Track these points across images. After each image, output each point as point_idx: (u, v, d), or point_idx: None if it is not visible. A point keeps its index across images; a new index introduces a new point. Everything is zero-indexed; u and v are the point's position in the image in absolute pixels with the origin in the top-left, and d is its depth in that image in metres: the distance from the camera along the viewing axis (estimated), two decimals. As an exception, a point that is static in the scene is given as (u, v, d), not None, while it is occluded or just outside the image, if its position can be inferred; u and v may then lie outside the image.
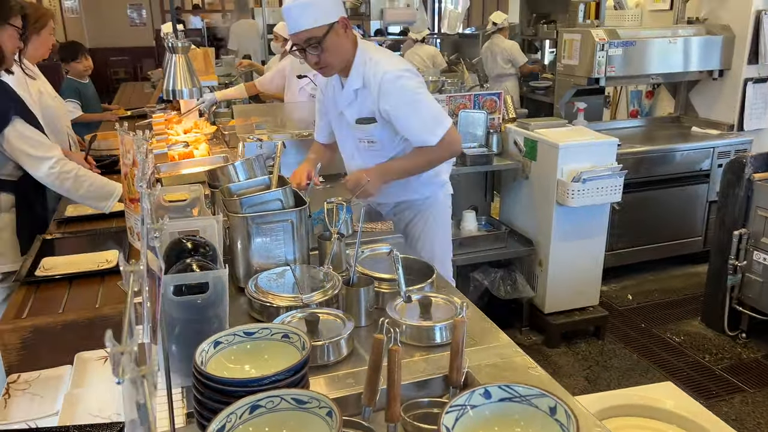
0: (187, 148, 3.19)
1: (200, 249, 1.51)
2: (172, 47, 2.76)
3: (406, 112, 2.15)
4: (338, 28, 2.07)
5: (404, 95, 2.13)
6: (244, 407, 0.98)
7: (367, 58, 2.16)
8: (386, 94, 2.13)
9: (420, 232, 2.46)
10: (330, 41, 2.05)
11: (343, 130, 2.36)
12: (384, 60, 2.17)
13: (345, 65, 2.17)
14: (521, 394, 0.91)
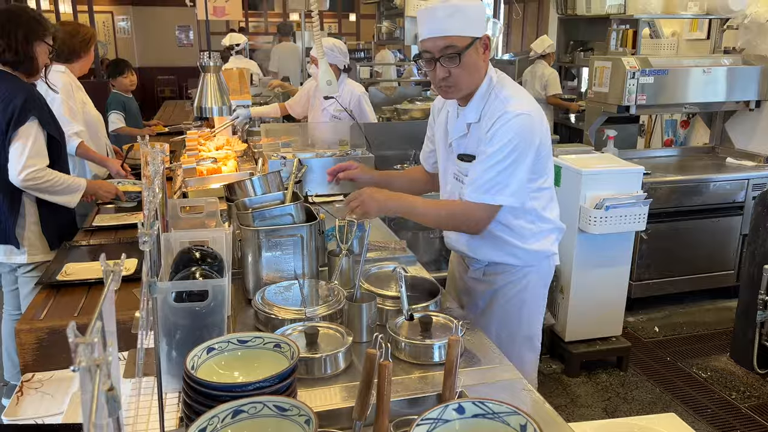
0: (215, 164, 3.28)
1: (207, 259, 1.56)
2: (203, 66, 2.87)
3: (487, 155, 1.80)
4: (479, 45, 1.78)
5: (503, 139, 1.78)
6: (227, 411, 1.01)
7: (493, 92, 1.84)
8: (492, 134, 1.80)
9: (509, 302, 2.03)
10: (469, 57, 1.76)
11: (448, 161, 2.03)
12: (513, 100, 1.81)
13: (470, 91, 1.86)
14: (494, 411, 0.92)
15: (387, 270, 1.98)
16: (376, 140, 3.32)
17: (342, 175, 2.22)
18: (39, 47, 2.50)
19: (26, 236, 2.53)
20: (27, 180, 2.39)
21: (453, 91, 1.84)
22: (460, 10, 1.74)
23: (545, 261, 2.02)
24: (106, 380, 0.57)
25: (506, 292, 2.02)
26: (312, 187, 2.90)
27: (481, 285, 2.06)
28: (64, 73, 3.44)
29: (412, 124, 3.96)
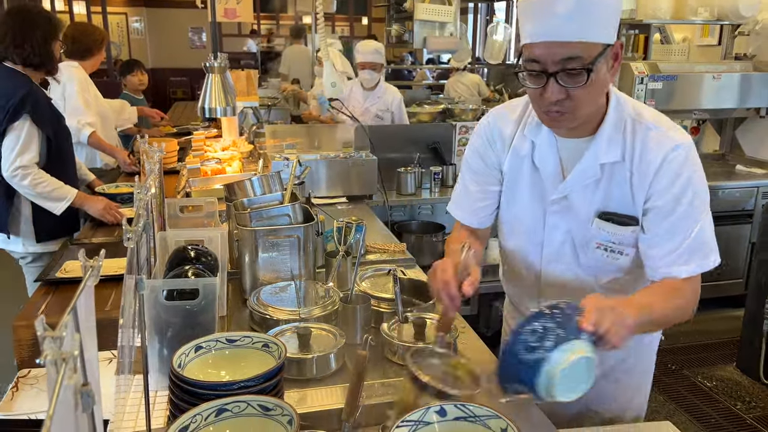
0: (220, 164, 3.29)
1: (202, 258, 1.57)
2: (209, 67, 2.88)
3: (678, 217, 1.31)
4: (610, 55, 1.25)
5: (695, 195, 1.31)
6: (211, 410, 1.01)
7: (629, 117, 1.34)
8: (670, 184, 1.30)
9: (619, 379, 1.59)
10: (598, 73, 1.22)
11: (554, 216, 1.45)
12: (665, 124, 1.34)
13: (589, 119, 1.34)
14: (475, 414, 0.91)
15: (384, 272, 1.98)
16: (380, 143, 3.32)
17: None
18: (55, 45, 2.61)
19: (20, 227, 2.61)
20: (13, 176, 2.45)
21: (567, 119, 1.29)
22: (594, 7, 1.19)
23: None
24: (71, 374, 0.57)
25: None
26: (315, 189, 2.91)
27: None
28: (77, 68, 3.66)
29: (417, 127, 3.97)
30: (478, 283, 1.28)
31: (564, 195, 1.41)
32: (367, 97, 4.17)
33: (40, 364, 0.59)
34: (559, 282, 1.50)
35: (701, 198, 1.32)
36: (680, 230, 1.31)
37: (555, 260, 1.49)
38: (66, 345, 0.61)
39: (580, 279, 1.48)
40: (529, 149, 1.44)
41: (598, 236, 1.39)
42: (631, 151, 1.32)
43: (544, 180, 1.43)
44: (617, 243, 1.39)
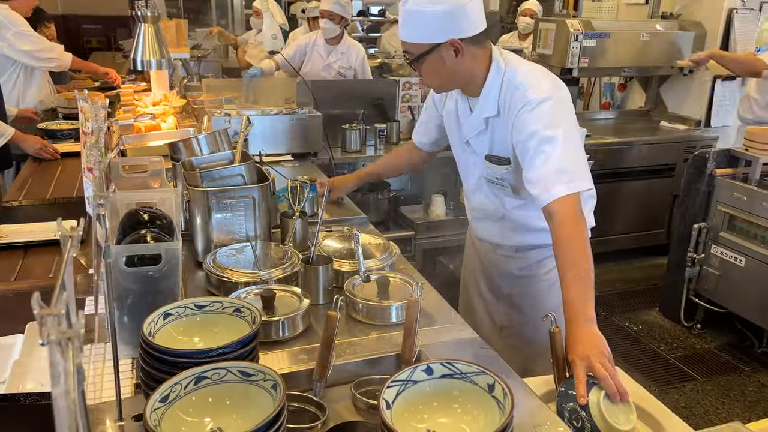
0: (154, 120, 3.14)
1: (156, 221, 1.49)
2: (141, 17, 2.71)
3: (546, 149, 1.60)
4: (446, 50, 1.62)
5: (544, 130, 1.60)
6: (190, 378, 0.98)
7: (504, 80, 1.69)
8: (524, 124, 1.63)
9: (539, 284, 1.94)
10: (429, 64, 1.65)
11: (467, 161, 1.90)
12: (528, 85, 1.65)
13: (460, 87, 1.77)
14: (462, 371, 0.93)
15: (338, 231, 1.97)
16: (324, 98, 3.25)
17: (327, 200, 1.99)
18: None
19: None
20: None
21: (435, 89, 1.87)
22: (413, 16, 1.61)
23: None
24: (78, 354, 0.54)
25: (541, 269, 1.91)
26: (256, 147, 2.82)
27: (512, 263, 1.96)
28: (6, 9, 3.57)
29: (360, 83, 3.91)
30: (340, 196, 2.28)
31: (466, 140, 1.85)
32: (330, 53, 4.04)
33: (43, 344, 0.55)
34: (481, 207, 1.96)
35: (550, 134, 1.59)
36: (539, 159, 1.60)
37: (476, 190, 1.94)
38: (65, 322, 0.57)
39: (494, 204, 1.90)
40: (455, 104, 1.87)
41: (485, 172, 1.84)
42: (504, 107, 1.70)
43: (461, 126, 1.86)
44: (498, 178, 1.81)
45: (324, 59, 3.99)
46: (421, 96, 3.63)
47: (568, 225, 1.55)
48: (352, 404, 1.29)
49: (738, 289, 3.26)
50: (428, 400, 0.92)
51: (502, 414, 0.85)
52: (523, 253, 1.94)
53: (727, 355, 3.36)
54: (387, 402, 0.88)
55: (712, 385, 3.09)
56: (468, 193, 2.00)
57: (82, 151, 1.81)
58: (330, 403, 1.26)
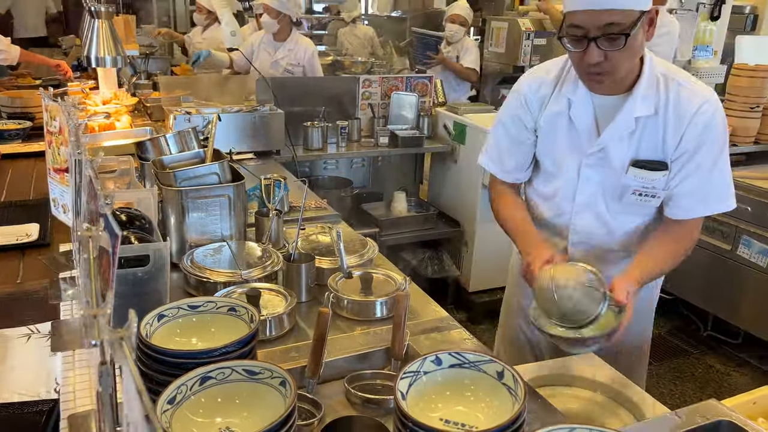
0: (108, 119, 3.04)
1: (136, 222, 1.47)
2: (94, 12, 2.62)
3: (705, 161, 1.49)
4: (646, 21, 1.39)
5: (717, 140, 1.49)
6: (195, 378, 0.97)
7: (658, 74, 1.50)
8: (699, 133, 1.47)
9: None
10: (634, 38, 1.36)
11: (587, 169, 1.58)
12: (693, 82, 1.51)
13: (624, 78, 1.48)
14: (470, 361, 0.95)
15: (311, 228, 1.96)
16: (283, 96, 3.22)
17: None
18: None
19: None
20: None
21: (606, 79, 1.44)
22: None
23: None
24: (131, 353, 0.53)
25: None
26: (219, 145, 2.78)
27: None
28: None
29: (320, 80, 3.89)
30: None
31: (601, 147, 1.53)
32: (278, 49, 3.98)
33: (95, 344, 0.54)
34: (587, 229, 1.66)
35: (722, 145, 1.50)
36: (703, 171, 1.49)
37: (585, 209, 1.63)
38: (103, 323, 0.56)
39: (607, 227, 1.64)
40: (566, 106, 1.56)
41: (633, 183, 1.54)
42: (664, 105, 1.47)
43: (579, 134, 1.56)
44: (651, 187, 1.53)
45: (271, 56, 3.92)
46: (381, 93, 3.65)
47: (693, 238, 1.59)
48: (345, 399, 1.29)
49: (685, 276, 3.42)
50: (441, 389, 0.94)
51: (514, 400, 0.88)
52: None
53: (677, 339, 3.53)
54: (402, 393, 0.89)
55: (664, 369, 3.24)
56: (567, 213, 1.66)
57: (47, 151, 1.74)
58: (323, 399, 1.26)
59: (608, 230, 1.64)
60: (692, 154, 1.48)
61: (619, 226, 1.64)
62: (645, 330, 1.91)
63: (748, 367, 3.27)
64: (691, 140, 1.47)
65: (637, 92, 1.47)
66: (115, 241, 0.78)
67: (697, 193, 1.51)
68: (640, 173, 1.52)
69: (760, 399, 1.34)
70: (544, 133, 1.62)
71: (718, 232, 3.25)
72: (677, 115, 1.47)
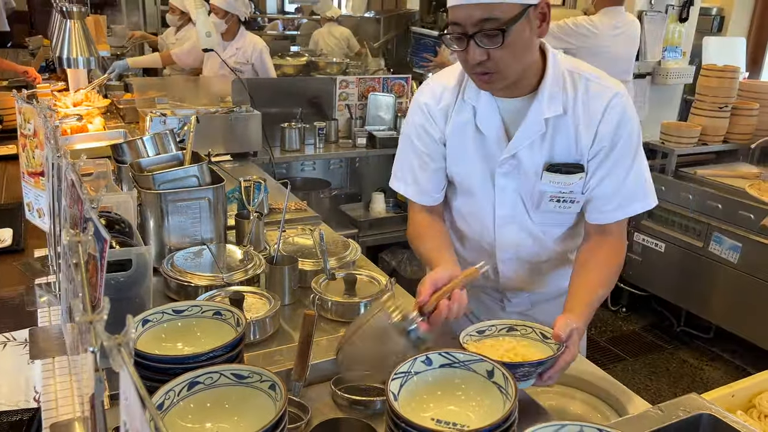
0: (80, 121, 2.98)
1: (115, 225, 1.44)
2: (66, 12, 2.56)
3: (623, 160, 1.40)
4: (534, 16, 1.27)
5: (632, 134, 1.40)
6: (182, 384, 0.95)
7: (565, 71, 1.39)
8: (614, 128, 1.37)
9: None
10: (517, 34, 1.24)
11: (501, 184, 1.47)
12: (600, 76, 1.41)
13: (519, 78, 1.35)
14: (460, 360, 0.96)
15: (291, 230, 1.96)
16: (259, 97, 3.20)
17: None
18: None
19: None
20: None
21: (496, 79, 1.31)
22: None
23: None
24: (129, 358, 0.52)
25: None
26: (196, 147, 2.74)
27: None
28: None
29: (296, 81, 3.87)
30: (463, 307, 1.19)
31: (512, 154, 1.42)
32: (225, 48, 3.94)
33: (94, 351, 0.53)
34: (514, 242, 1.54)
35: (637, 140, 1.42)
36: (621, 169, 1.40)
37: (509, 222, 1.51)
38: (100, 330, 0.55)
39: (534, 236, 1.53)
40: (471, 114, 1.45)
41: (550, 188, 1.43)
42: (573, 103, 1.38)
43: (489, 142, 1.44)
44: (568, 192, 1.43)
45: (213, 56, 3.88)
46: (358, 94, 3.65)
47: (621, 248, 1.46)
48: (332, 401, 1.29)
49: (658, 273, 3.50)
50: (432, 389, 0.94)
51: (505, 398, 0.89)
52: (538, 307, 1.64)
53: (651, 335, 3.60)
54: (393, 394, 0.89)
55: (639, 364, 3.30)
56: (490, 227, 1.54)
57: (21, 154, 1.70)
58: (310, 402, 1.26)
59: (536, 241, 1.53)
60: (609, 152, 1.39)
61: (546, 236, 1.53)
62: None
63: (721, 361, 3.35)
64: (605, 137, 1.37)
65: (543, 92, 1.37)
66: (103, 245, 0.76)
67: (617, 194, 1.41)
68: (555, 177, 1.42)
69: (738, 392, 1.37)
70: (452, 145, 1.49)
71: (690, 230, 3.32)
72: (588, 112, 1.38)
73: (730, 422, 1.15)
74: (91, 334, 0.51)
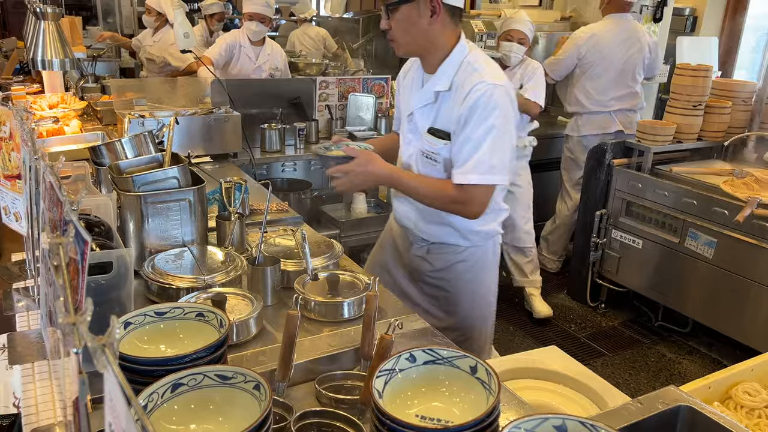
0: (57, 124, 2.94)
1: (94, 228, 1.43)
2: (40, 13, 2.53)
3: (471, 135, 1.72)
4: (424, 7, 1.69)
5: (486, 115, 1.70)
6: (166, 386, 0.95)
7: (466, 61, 1.76)
8: (468, 108, 1.71)
9: (455, 285, 1.99)
10: (402, 13, 1.70)
11: (408, 133, 1.92)
12: (487, 69, 1.74)
13: (422, 54, 1.81)
14: (444, 356, 0.97)
15: (273, 231, 1.95)
16: (239, 98, 3.18)
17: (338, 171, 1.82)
18: None
19: None
20: None
21: (395, 46, 1.79)
22: None
23: (490, 241, 1.98)
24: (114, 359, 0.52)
25: (452, 274, 1.98)
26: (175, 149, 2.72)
27: (425, 264, 2.00)
28: None
29: (277, 82, 3.85)
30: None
31: (411, 113, 1.88)
32: (258, 54, 4.00)
33: (77, 353, 0.53)
34: None
35: (490, 126, 1.70)
36: (468, 145, 1.72)
37: (406, 168, 1.93)
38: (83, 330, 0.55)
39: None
40: (411, 80, 1.93)
41: (425, 146, 1.85)
42: (456, 84, 1.75)
43: (407, 101, 1.91)
44: (434, 152, 1.82)
45: (254, 61, 3.96)
46: (338, 95, 3.65)
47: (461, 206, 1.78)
48: (316, 401, 1.29)
49: (636, 269, 3.55)
50: (416, 386, 0.95)
51: (488, 394, 0.90)
52: (434, 256, 1.98)
53: (630, 330, 3.65)
54: (378, 391, 0.90)
55: (619, 359, 3.35)
56: (402, 165, 1.98)
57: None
58: (294, 402, 1.26)
59: None
60: (462, 127, 1.73)
61: None
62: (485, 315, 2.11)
63: (698, 355, 3.41)
64: (463, 115, 1.72)
65: (440, 71, 1.78)
66: (84, 247, 0.76)
67: (463, 164, 1.73)
68: (430, 139, 1.82)
69: (715, 384, 1.40)
70: (401, 96, 2.01)
71: (666, 226, 3.37)
72: (460, 93, 1.73)
73: (708, 413, 1.17)
74: (75, 335, 0.51)
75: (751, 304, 3.02)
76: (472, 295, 2.01)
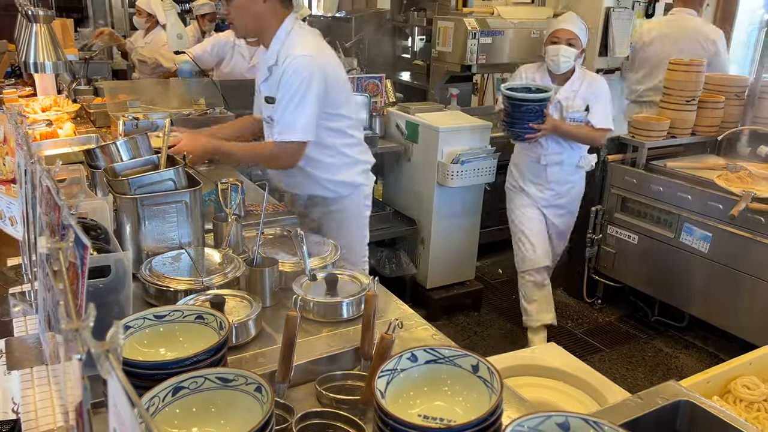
0: (50, 127, 2.92)
1: (91, 231, 1.42)
2: (32, 16, 2.51)
3: (281, 100, 2.15)
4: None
5: (290, 80, 2.12)
6: (167, 389, 0.95)
7: (286, 37, 2.17)
8: (279, 76, 2.15)
9: (330, 231, 2.33)
10: (239, 2, 2.11)
11: (260, 104, 2.38)
12: (299, 43, 2.16)
13: (257, 34, 2.22)
14: (445, 356, 0.97)
15: (270, 232, 1.95)
16: (231, 98, 3.17)
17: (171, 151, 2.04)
18: None
19: None
20: None
21: (233, 28, 2.24)
22: None
23: (355, 191, 2.40)
24: (118, 365, 0.52)
25: (327, 222, 2.40)
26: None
27: (306, 219, 2.38)
28: None
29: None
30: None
31: (258, 86, 2.34)
32: (253, 53, 3.96)
33: (80, 359, 0.53)
34: None
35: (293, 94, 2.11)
36: (279, 110, 2.16)
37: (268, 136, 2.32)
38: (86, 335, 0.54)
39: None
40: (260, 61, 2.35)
41: (265, 112, 2.30)
42: (281, 58, 2.15)
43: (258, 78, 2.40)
44: (269, 116, 2.27)
45: (248, 60, 3.92)
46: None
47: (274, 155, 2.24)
48: (317, 402, 1.29)
49: (632, 264, 3.56)
50: (418, 386, 0.95)
51: (491, 392, 0.90)
52: (311, 209, 2.42)
53: (626, 326, 3.66)
54: (380, 391, 0.90)
55: (616, 355, 3.36)
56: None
57: (-10, 161, 1.67)
58: (294, 403, 1.26)
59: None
60: (277, 93, 2.16)
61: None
62: None
63: (694, 349, 3.43)
64: (278, 83, 2.14)
65: (271, 49, 2.19)
66: (84, 251, 0.75)
67: (279, 122, 2.16)
68: (265, 105, 2.28)
69: (714, 378, 1.41)
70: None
71: (661, 221, 3.38)
72: (281, 64, 2.15)
73: (708, 408, 1.18)
74: (78, 341, 0.50)
75: (747, 297, 3.03)
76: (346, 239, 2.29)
